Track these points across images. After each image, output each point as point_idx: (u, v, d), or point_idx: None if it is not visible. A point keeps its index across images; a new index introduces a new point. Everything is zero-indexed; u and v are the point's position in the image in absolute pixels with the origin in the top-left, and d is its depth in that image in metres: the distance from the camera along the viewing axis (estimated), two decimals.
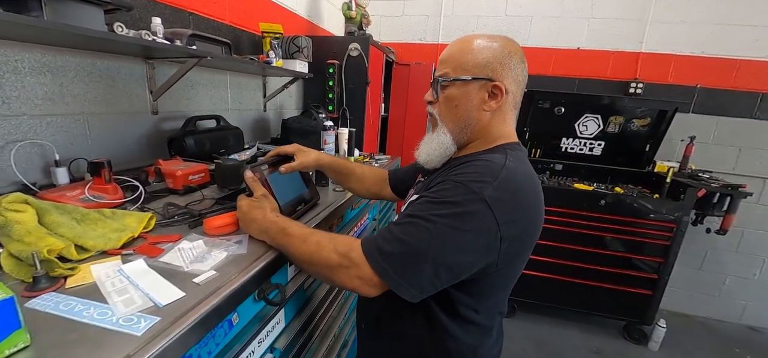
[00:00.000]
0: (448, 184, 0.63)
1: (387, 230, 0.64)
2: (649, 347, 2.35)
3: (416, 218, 0.61)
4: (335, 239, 0.67)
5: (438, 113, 0.76)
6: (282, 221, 0.74)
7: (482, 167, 0.64)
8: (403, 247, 0.60)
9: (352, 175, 1.12)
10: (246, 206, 0.78)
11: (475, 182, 0.61)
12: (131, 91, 1.18)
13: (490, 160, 0.66)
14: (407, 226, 0.62)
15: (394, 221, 0.66)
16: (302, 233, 0.71)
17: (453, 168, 0.69)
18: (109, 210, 0.81)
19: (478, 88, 0.70)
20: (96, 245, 0.69)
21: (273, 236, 0.74)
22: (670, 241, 2.12)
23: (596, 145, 2.47)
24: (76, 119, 1.04)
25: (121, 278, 0.62)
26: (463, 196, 0.60)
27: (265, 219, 0.75)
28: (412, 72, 2.84)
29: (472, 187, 0.60)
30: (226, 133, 1.43)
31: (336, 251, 0.64)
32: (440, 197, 0.62)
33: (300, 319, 0.95)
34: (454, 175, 0.65)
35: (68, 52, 0.98)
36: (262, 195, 0.81)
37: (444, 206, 0.60)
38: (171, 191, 1.09)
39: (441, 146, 0.76)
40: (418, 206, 0.64)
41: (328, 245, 0.66)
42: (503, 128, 0.74)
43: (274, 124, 2.04)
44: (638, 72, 2.42)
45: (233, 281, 0.64)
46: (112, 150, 1.14)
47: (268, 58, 1.53)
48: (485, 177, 0.61)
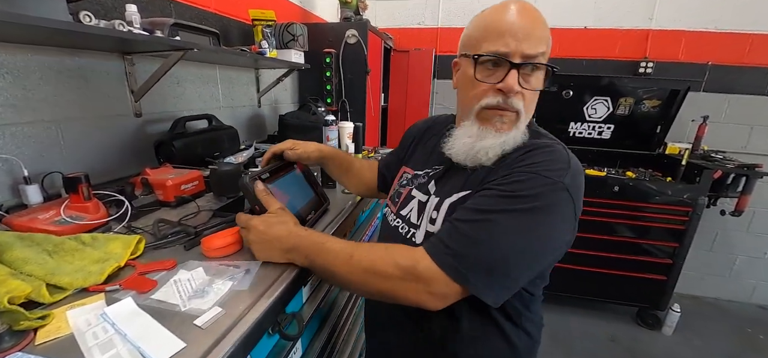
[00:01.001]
0: (522, 175, 0.55)
1: (455, 231, 0.56)
2: (663, 331, 2.32)
3: (494, 213, 0.54)
4: (390, 249, 0.59)
5: (524, 106, 0.61)
6: (314, 235, 0.64)
7: (550, 154, 0.58)
8: (486, 249, 0.54)
9: (351, 169, 1.00)
10: (263, 225, 0.65)
11: (553, 170, 0.55)
12: (109, 91, 1.04)
13: (550, 145, 0.60)
14: (484, 225, 0.54)
15: (459, 221, 0.57)
16: (344, 246, 0.61)
17: (513, 160, 0.59)
18: (88, 235, 0.69)
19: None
20: (73, 282, 0.57)
21: (306, 253, 0.63)
22: (685, 225, 2.06)
23: (605, 129, 2.39)
24: (47, 127, 0.90)
25: (105, 325, 0.51)
26: (543, 187, 0.54)
27: (292, 234, 0.64)
28: (411, 59, 2.71)
29: (553, 176, 0.54)
30: (220, 133, 1.30)
31: (396, 265, 0.56)
32: (516, 190, 0.55)
33: (319, 340, 0.85)
34: (522, 166, 0.57)
35: (30, 49, 0.84)
36: (279, 208, 0.68)
37: (525, 200, 0.54)
38: (162, 203, 0.97)
39: (513, 145, 0.62)
40: (489, 202, 0.56)
41: (384, 257, 0.57)
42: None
43: (270, 121, 1.91)
44: (648, 50, 2.32)
45: (243, 321, 0.53)
46: (91, 160, 1.01)
47: (260, 48, 1.39)
48: (559, 164, 0.56)
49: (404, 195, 0.77)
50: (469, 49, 0.63)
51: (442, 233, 0.58)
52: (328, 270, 0.62)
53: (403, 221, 0.75)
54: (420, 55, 2.70)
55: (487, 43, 0.59)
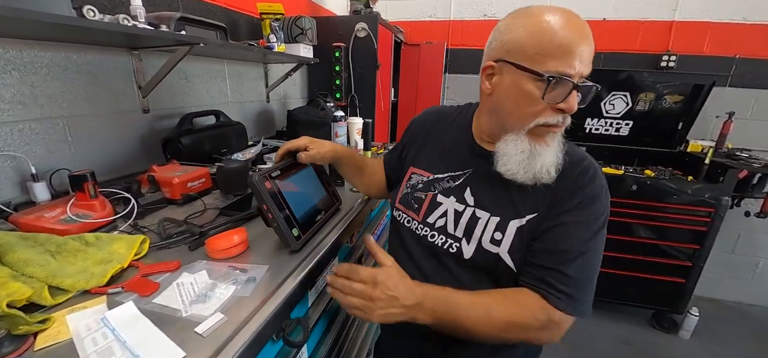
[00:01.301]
0: (595, 199, 0.62)
1: (566, 277, 0.60)
2: (680, 335, 2.24)
3: (586, 246, 0.61)
4: (522, 306, 0.61)
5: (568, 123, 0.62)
6: (435, 289, 0.62)
7: (597, 168, 0.64)
8: (591, 280, 0.62)
9: (365, 169, 0.96)
10: (392, 281, 0.60)
11: (605, 185, 0.64)
12: (117, 87, 1.03)
13: (587, 157, 0.66)
14: (587, 261, 0.61)
15: (563, 264, 0.61)
16: (475, 300, 0.61)
17: (575, 180, 0.63)
18: (92, 235, 0.68)
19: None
20: (76, 284, 0.56)
21: (433, 310, 0.60)
22: (707, 226, 1.97)
23: (623, 125, 2.30)
24: (54, 124, 0.89)
25: (105, 330, 0.50)
26: (606, 202, 0.63)
27: (416, 291, 0.61)
28: (422, 52, 2.65)
29: (606, 192, 0.63)
30: (228, 129, 1.28)
31: (535, 318, 0.60)
32: (597, 215, 0.62)
33: (325, 344, 0.83)
34: (591, 188, 0.62)
35: (37, 45, 0.83)
36: (394, 261, 0.65)
37: (601, 220, 0.62)
38: (169, 201, 0.96)
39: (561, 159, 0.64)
40: (582, 235, 0.61)
41: (523, 311, 0.60)
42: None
43: (279, 116, 1.89)
44: (671, 43, 2.22)
45: (245, 329, 0.51)
46: (99, 157, 1.01)
47: (268, 42, 1.37)
48: (600, 175, 0.64)
49: (427, 201, 0.73)
50: (522, 60, 0.57)
51: (556, 282, 0.60)
52: (462, 326, 0.60)
53: (434, 230, 0.71)
54: (431, 49, 2.65)
55: (554, 61, 0.54)
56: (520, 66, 0.57)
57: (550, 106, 0.57)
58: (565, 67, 0.54)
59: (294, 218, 0.74)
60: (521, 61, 0.57)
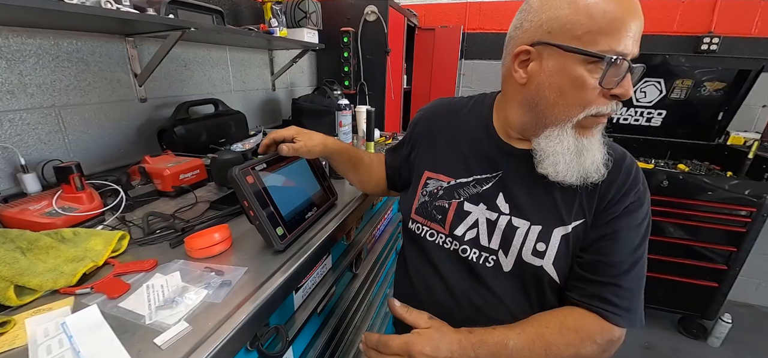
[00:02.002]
0: (643, 199, 0.58)
1: (622, 289, 0.56)
2: (709, 342, 2.08)
3: (637, 254, 0.57)
4: (580, 332, 0.55)
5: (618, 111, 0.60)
6: (487, 334, 0.55)
7: (633, 166, 0.60)
8: (642, 288, 0.58)
9: (360, 164, 0.87)
10: (430, 346, 0.54)
11: (645, 185, 0.59)
12: (111, 75, 1.01)
13: (622, 152, 0.61)
14: (637, 271, 0.57)
15: (616, 277, 0.56)
16: (531, 340, 0.55)
17: (623, 180, 0.58)
18: (69, 230, 0.66)
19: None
20: (43, 283, 0.54)
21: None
22: (747, 227, 1.80)
23: (655, 115, 2.12)
24: (46, 114, 0.88)
25: (62, 337, 0.46)
26: (649, 203, 0.59)
27: (464, 343, 0.54)
28: (437, 37, 2.54)
29: (644, 179, 0.59)
30: (226, 119, 1.25)
31: (595, 343, 0.55)
32: (644, 216, 0.58)
33: (314, 349, 0.79)
34: (638, 189, 0.58)
35: (24, 32, 0.81)
36: (429, 317, 0.60)
37: (645, 222, 0.58)
38: (160, 193, 0.94)
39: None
40: (634, 240, 0.57)
41: (584, 342, 0.55)
42: None
43: (285, 105, 1.85)
44: (714, 24, 2.00)
45: (211, 339, 0.47)
46: (94, 147, 0.99)
47: (269, 27, 1.31)
48: (640, 172, 0.59)
49: (452, 210, 0.65)
50: (571, 41, 0.49)
51: (612, 297, 0.56)
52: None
53: (465, 244, 0.64)
54: (446, 33, 2.52)
55: (607, 39, 0.47)
56: (569, 48, 0.49)
57: (602, 93, 0.50)
58: (620, 45, 0.47)
59: (279, 215, 0.69)
60: (569, 43, 0.49)
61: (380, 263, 1.22)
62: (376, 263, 1.16)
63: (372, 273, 1.12)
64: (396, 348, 0.54)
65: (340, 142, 0.85)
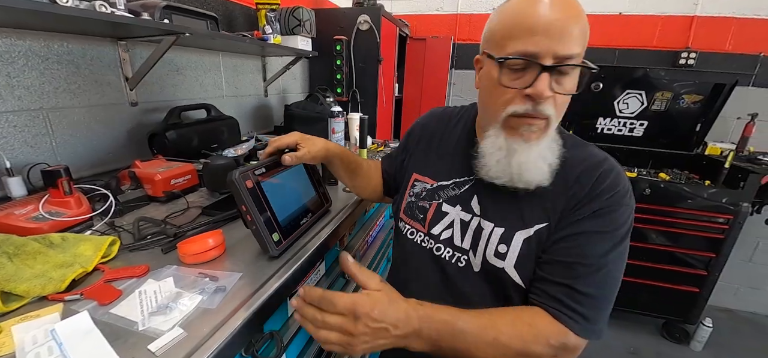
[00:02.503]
0: (616, 207, 0.55)
1: (581, 294, 0.53)
2: (692, 346, 2.14)
3: (604, 261, 0.54)
4: (534, 327, 0.53)
5: (554, 114, 0.53)
6: (435, 311, 0.52)
7: (620, 175, 0.57)
8: (610, 298, 0.55)
9: (359, 170, 0.88)
10: (377, 310, 0.49)
11: (630, 193, 0.57)
12: (101, 78, 0.99)
13: (609, 161, 0.59)
14: (603, 278, 0.54)
15: (576, 280, 0.54)
16: (482, 324, 0.52)
17: (593, 186, 0.56)
18: (58, 235, 0.64)
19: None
20: (31, 289, 0.53)
21: (433, 338, 0.51)
22: (725, 234, 1.87)
23: (637, 126, 2.19)
24: (33, 116, 0.86)
25: (51, 345, 0.45)
26: (630, 213, 0.56)
27: (412, 317, 0.50)
28: (428, 47, 2.58)
29: (630, 200, 0.56)
30: (218, 124, 1.24)
31: (548, 344, 0.53)
32: (616, 225, 0.54)
33: (308, 355, 0.78)
34: (612, 196, 0.55)
35: (13, 33, 0.80)
36: (380, 281, 0.54)
37: (622, 232, 0.55)
38: (151, 198, 0.92)
39: (557, 157, 0.57)
40: (598, 249, 0.54)
41: (536, 338, 0.53)
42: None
43: (277, 111, 1.85)
44: (691, 40, 2.10)
45: (206, 345, 0.47)
46: (83, 151, 0.97)
47: (263, 34, 1.32)
48: (624, 181, 0.56)
49: (432, 210, 0.68)
50: (492, 48, 0.55)
51: (569, 301, 0.54)
52: (468, 353, 0.52)
53: (440, 242, 0.66)
54: (437, 43, 2.57)
55: (513, 42, 0.51)
56: (488, 54, 0.56)
57: (518, 94, 0.53)
58: (527, 46, 0.49)
59: (276, 221, 0.69)
60: (490, 49, 0.56)
61: (372, 269, 1.22)
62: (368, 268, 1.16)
63: None
64: (341, 307, 0.48)
65: (341, 147, 0.86)
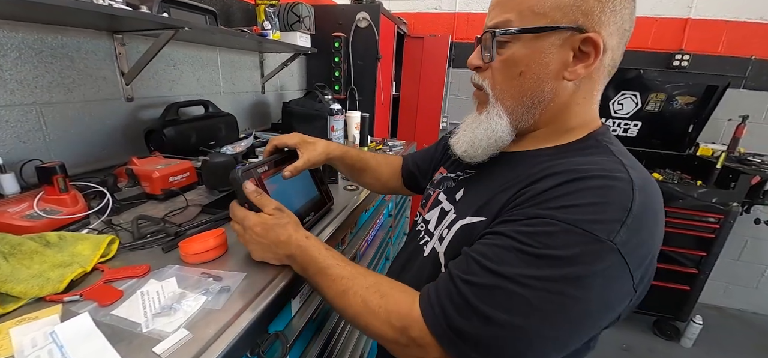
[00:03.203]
0: (553, 223, 0.40)
1: (457, 291, 0.43)
2: (682, 343, 2.19)
3: (506, 280, 0.40)
4: (387, 299, 0.48)
5: (490, 85, 0.53)
6: (314, 248, 0.56)
7: (603, 192, 0.40)
8: (493, 328, 0.40)
9: (366, 168, 0.90)
10: (260, 227, 0.58)
11: (601, 220, 0.38)
12: (96, 73, 0.97)
13: (607, 174, 0.42)
14: (492, 292, 0.40)
15: (464, 279, 0.43)
16: (343, 274, 0.52)
17: (545, 189, 0.44)
18: (55, 234, 0.62)
19: (559, 43, 0.47)
20: (28, 290, 0.51)
21: (303, 266, 0.56)
22: (715, 233, 1.91)
23: (631, 126, 2.23)
24: (26, 111, 0.84)
25: (52, 347, 0.44)
26: (582, 246, 0.38)
27: (291, 243, 0.57)
28: (426, 45, 2.57)
29: (598, 231, 0.38)
30: (217, 121, 1.22)
31: (388, 322, 0.47)
32: (543, 246, 0.39)
33: (310, 356, 0.77)
34: (555, 208, 0.41)
35: (6, 25, 0.77)
36: (275, 208, 0.59)
37: (550, 265, 0.39)
38: (149, 196, 0.90)
39: (491, 135, 0.54)
40: (506, 257, 0.41)
41: (378, 310, 0.48)
42: (588, 106, 0.52)
43: (275, 108, 1.83)
44: (685, 42, 2.13)
45: (214, 347, 0.46)
46: (78, 147, 0.95)
47: (262, 30, 1.30)
48: (613, 210, 0.39)
49: (433, 198, 0.68)
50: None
51: (442, 290, 0.44)
52: (322, 293, 0.55)
53: (421, 225, 0.67)
54: (435, 42, 2.56)
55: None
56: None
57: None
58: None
59: None
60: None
61: (373, 266, 1.21)
62: (368, 266, 1.16)
63: None
64: (238, 214, 0.60)
65: (343, 147, 0.86)
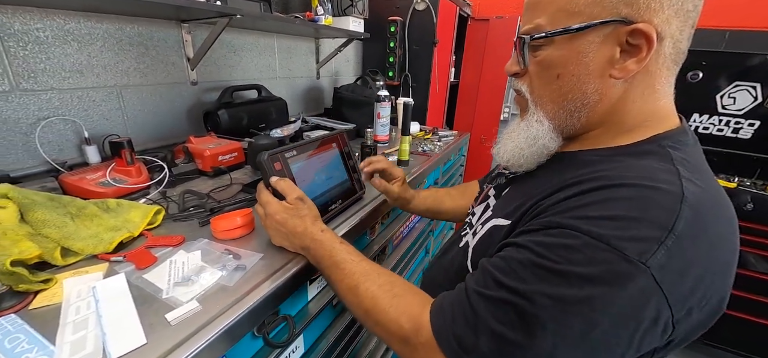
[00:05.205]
0: (575, 236, 0.35)
1: (468, 303, 0.40)
2: None
3: (518, 296, 0.36)
4: (399, 299, 0.48)
5: (528, 90, 0.50)
6: (328, 242, 0.57)
7: (639, 203, 0.34)
8: (499, 345, 0.37)
9: (440, 208, 0.90)
10: (280, 216, 0.60)
11: (630, 237, 0.33)
12: (167, 59, 1.08)
13: (649, 183, 0.35)
14: (503, 308, 0.37)
15: (478, 287, 0.41)
16: (355, 270, 0.53)
17: (569, 186, 0.40)
18: (114, 201, 0.72)
19: (600, 40, 0.41)
20: (85, 247, 0.59)
21: (317, 259, 0.58)
22: None
23: (745, 125, 1.80)
24: (109, 93, 0.97)
25: (90, 300, 0.51)
26: (606, 265, 0.33)
27: (307, 235, 0.58)
28: (491, 28, 2.40)
29: (626, 249, 0.32)
30: (268, 105, 1.29)
31: (398, 324, 0.46)
32: (559, 260, 0.35)
33: (326, 340, 0.79)
34: (578, 213, 0.36)
35: (93, 17, 0.90)
36: (296, 198, 0.61)
37: (568, 283, 0.34)
38: (200, 172, 0.99)
39: (533, 142, 0.50)
40: (522, 272, 0.37)
41: (388, 309, 0.47)
42: (651, 104, 0.44)
43: (328, 94, 1.87)
44: None
45: (216, 322, 0.48)
46: (149, 125, 1.08)
47: (315, 15, 1.32)
48: (649, 225, 0.33)
49: (485, 192, 0.66)
50: None
51: (455, 299, 0.42)
52: (335, 288, 0.56)
53: (471, 218, 0.65)
54: (501, 25, 2.37)
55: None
56: None
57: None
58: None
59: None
60: None
61: (406, 261, 1.19)
62: (401, 261, 1.14)
63: (396, 270, 1.10)
64: (262, 198, 0.62)
65: (426, 195, 0.90)
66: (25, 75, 0.81)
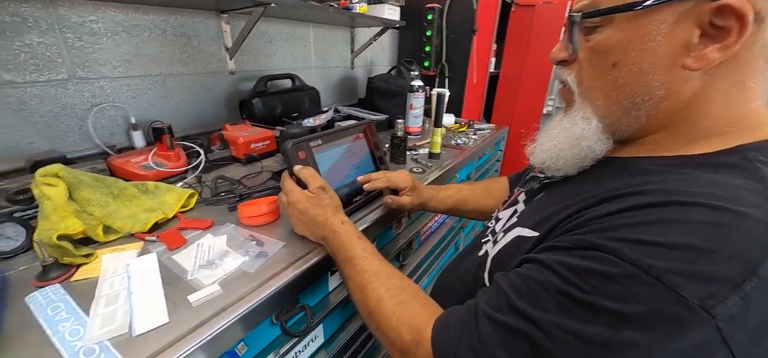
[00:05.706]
0: (612, 264, 0.28)
1: (475, 324, 0.36)
2: None
3: (534, 326, 0.31)
4: (404, 307, 0.45)
5: (576, 81, 0.43)
6: (347, 235, 0.56)
7: (712, 227, 0.27)
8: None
9: (464, 206, 0.83)
10: (301, 203, 0.60)
11: (692, 273, 0.26)
12: (207, 48, 1.12)
13: (729, 201, 0.27)
14: (515, 337, 0.32)
15: (488, 308, 0.36)
16: (368, 268, 0.51)
17: (617, 198, 0.33)
18: (152, 183, 0.76)
19: (673, 20, 0.33)
20: (124, 226, 0.63)
21: (334, 251, 0.58)
22: None
23: None
24: (154, 81, 1.03)
25: (124, 277, 0.53)
26: (654, 305, 0.26)
27: (327, 226, 0.58)
28: (536, 14, 2.25)
29: (684, 290, 0.25)
30: (301, 94, 1.30)
31: (398, 333, 0.43)
32: (592, 291, 0.29)
33: (346, 332, 0.78)
34: (625, 234, 0.29)
35: (140, 9, 0.95)
36: (319, 188, 0.60)
37: (600, 321, 0.28)
38: (234, 159, 1.03)
39: (575, 143, 0.43)
40: (538, 292, 0.32)
41: (391, 316, 0.45)
42: (738, 105, 0.35)
43: (362, 84, 1.86)
44: None
45: (235, 307, 0.49)
46: (191, 113, 1.13)
47: (350, 3, 1.31)
48: (720, 261, 0.25)
49: (514, 196, 0.60)
50: None
51: (461, 317, 0.38)
52: (346, 283, 0.55)
53: (494, 224, 0.59)
54: (548, 11, 2.21)
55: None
56: None
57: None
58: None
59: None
60: None
61: (433, 257, 1.15)
62: (428, 256, 1.11)
63: (422, 266, 1.07)
64: (286, 186, 0.63)
65: (446, 195, 0.82)
66: (81, 64, 0.88)
